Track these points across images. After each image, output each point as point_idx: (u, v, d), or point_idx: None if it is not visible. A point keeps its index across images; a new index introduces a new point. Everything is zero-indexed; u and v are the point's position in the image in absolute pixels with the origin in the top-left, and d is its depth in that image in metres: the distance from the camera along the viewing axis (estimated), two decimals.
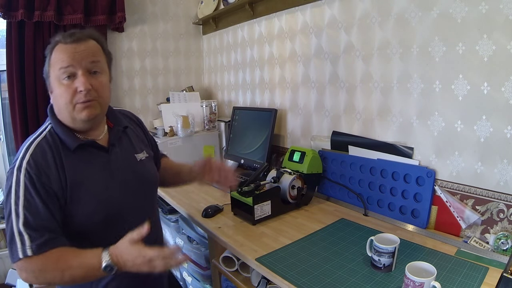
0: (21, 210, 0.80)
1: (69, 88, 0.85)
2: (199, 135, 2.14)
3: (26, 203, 0.80)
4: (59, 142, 0.88)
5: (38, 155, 0.84)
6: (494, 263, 0.99)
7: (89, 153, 0.92)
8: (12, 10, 1.86)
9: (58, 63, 0.85)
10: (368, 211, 1.41)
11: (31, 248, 0.78)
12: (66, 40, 0.86)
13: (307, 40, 1.74)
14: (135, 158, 1.02)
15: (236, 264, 1.28)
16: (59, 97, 0.87)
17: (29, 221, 0.79)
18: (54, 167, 0.85)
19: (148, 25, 2.46)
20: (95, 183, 0.90)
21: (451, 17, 1.14)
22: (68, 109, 0.87)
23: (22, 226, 0.79)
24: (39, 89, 2.02)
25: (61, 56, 0.85)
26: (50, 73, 0.88)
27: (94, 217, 0.88)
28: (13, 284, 2.07)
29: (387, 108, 1.39)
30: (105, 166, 0.93)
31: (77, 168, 0.88)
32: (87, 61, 0.87)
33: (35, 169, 0.82)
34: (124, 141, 1.02)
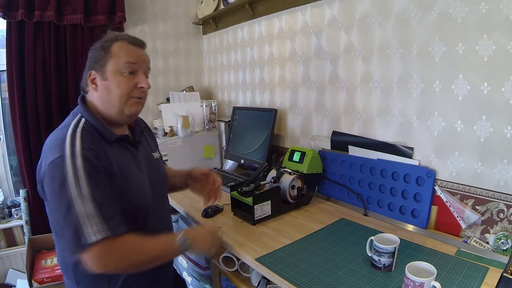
0: (87, 193, 0.78)
1: (130, 81, 0.93)
2: (199, 135, 2.14)
3: (91, 184, 0.80)
4: (97, 134, 0.91)
5: (88, 142, 0.85)
6: (494, 263, 0.99)
7: (124, 147, 0.98)
8: (12, 10, 1.86)
9: (125, 57, 0.92)
10: (368, 211, 1.41)
11: (109, 227, 0.78)
12: (132, 41, 0.96)
13: (307, 40, 1.74)
14: (153, 156, 1.11)
15: (236, 264, 1.28)
16: (116, 87, 0.92)
17: (99, 201, 0.79)
18: (104, 153, 0.87)
19: (148, 25, 2.46)
20: (131, 174, 0.94)
21: (451, 17, 1.14)
22: (122, 100, 0.93)
23: (94, 207, 0.78)
24: (39, 89, 2.02)
25: (129, 51, 0.93)
26: (109, 63, 0.92)
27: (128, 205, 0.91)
28: (13, 284, 2.07)
29: (387, 108, 1.39)
30: (135, 159, 1.00)
31: (117, 158, 0.92)
32: (146, 65, 0.98)
33: (92, 152, 0.83)
34: (143, 141, 1.10)
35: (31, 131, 2.03)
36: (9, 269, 2.12)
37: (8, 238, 2.16)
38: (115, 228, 0.79)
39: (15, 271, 2.11)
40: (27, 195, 2.02)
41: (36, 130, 2.04)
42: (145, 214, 0.98)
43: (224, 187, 1.70)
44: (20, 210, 2.14)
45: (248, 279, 1.25)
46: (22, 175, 2.08)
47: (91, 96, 0.96)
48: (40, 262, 1.87)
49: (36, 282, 1.71)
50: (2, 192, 2.28)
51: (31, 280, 1.72)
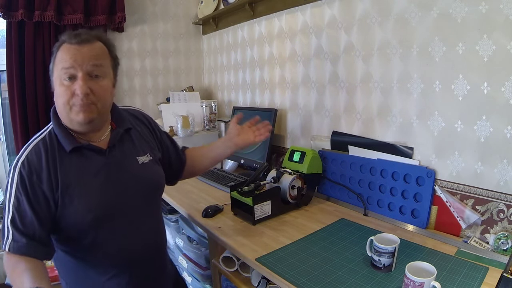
0: (11, 207, 0.82)
1: (68, 89, 0.84)
2: (199, 135, 2.14)
3: (15, 201, 0.82)
4: (56, 144, 0.88)
5: (33, 156, 0.85)
6: (494, 263, 0.99)
7: (84, 156, 0.91)
8: (12, 10, 1.86)
9: (61, 63, 0.85)
10: (368, 211, 1.41)
11: (10, 245, 0.81)
12: (71, 41, 0.85)
13: (307, 40, 1.74)
14: (137, 161, 0.99)
15: (236, 264, 1.28)
16: (58, 97, 0.87)
17: (15, 220, 0.82)
18: (46, 169, 0.85)
19: (148, 25, 2.46)
20: (86, 185, 0.88)
21: (451, 17, 1.14)
22: (66, 109, 0.87)
23: (9, 223, 0.82)
24: (39, 89, 2.02)
25: (64, 56, 0.85)
26: (54, 72, 0.88)
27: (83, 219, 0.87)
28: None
29: (387, 108, 1.39)
30: (100, 168, 0.91)
31: (71, 170, 0.87)
32: (88, 63, 0.86)
33: (27, 169, 0.84)
34: (126, 143, 0.99)
35: (31, 131, 2.02)
36: None
37: None
38: (15, 249, 0.80)
39: None
40: None
41: (36, 130, 1.99)
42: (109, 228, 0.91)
43: (224, 187, 1.71)
44: None
45: (248, 279, 1.25)
46: None
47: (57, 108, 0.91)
48: None
49: None
50: (2, 192, 2.28)
51: None
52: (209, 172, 1.98)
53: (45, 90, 2.04)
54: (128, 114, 1.06)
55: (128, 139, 1.01)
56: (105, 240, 0.90)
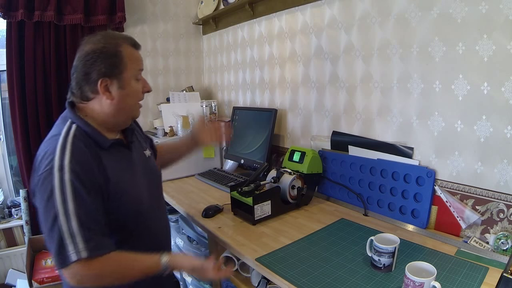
0: (71, 210, 0.77)
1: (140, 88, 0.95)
2: None
3: (76, 202, 0.78)
4: (91, 141, 0.88)
5: (78, 154, 0.82)
6: (494, 263, 0.99)
7: (118, 151, 0.95)
8: (12, 10, 1.86)
9: (138, 63, 0.94)
10: (368, 211, 1.41)
11: (87, 249, 0.76)
12: (134, 44, 0.95)
13: (307, 40, 1.74)
14: (145, 155, 1.09)
15: (236, 264, 1.28)
16: (133, 95, 0.93)
17: (82, 220, 0.77)
18: (95, 164, 0.84)
19: (148, 25, 2.46)
20: (128, 180, 0.94)
21: (451, 17, 1.14)
22: (136, 107, 0.96)
23: (76, 226, 0.76)
24: (39, 89, 2.02)
25: (138, 57, 0.95)
26: (127, 69, 0.90)
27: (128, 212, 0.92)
28: (13, 284, 2.07)
29: (387, 108, 1.39)
30: (130, 162, 0.98)
31: (113, 165, 0.90)
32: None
33: (79, 166, 0.80)
34: (135, 141, 1.06)
35: (31, 131, 2.03)
36: (9, 269, 2.12)
37: (8, 238, 2.16)
38: (94, 249, 0.78)
39: (15, 271, 2.12)
40: (27, 195, 2.02)
41: (36, 130, 2.04)
42: (144, 215, 0.97)
43: (224, 187, 1.71)
44: (20, 210, 2.15)
45: (248, 279, 1.25)
46: (22, 175, 2.08)
47: (98, 103, 0.90)
48: (40, 262, 1.87)
49: (36, 282, 1.71)
50: (2, 192, 2.28)
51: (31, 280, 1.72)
52: (209, 172, 1.98)
53: (45, 90, 2.05)
54: None
55: (135, 137, 1.08)
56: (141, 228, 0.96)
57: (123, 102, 0.91)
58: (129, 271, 0.84)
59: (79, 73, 0.88)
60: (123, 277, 0.84)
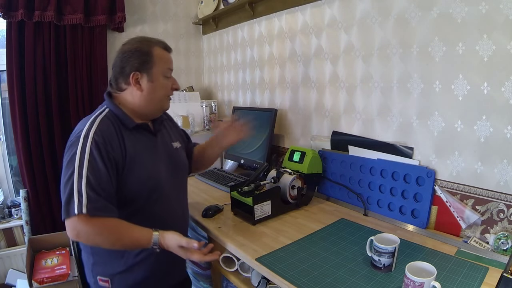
0: (84, 171, 0.89)
1: (169, 83, 1.08)
2: (199, 135, 2.14)
3: (90, 166, 0.90)
4: (119, 121, 1.02)
5: (104, 127, 0.96)
6: (494, 263, 0.99)
7: (142, 134, 1.07)
8: (12, 10, 1.86)
9: (167, 62, 1.07)
10: (368, 211, 1.41)
11: (88, 207, 0.87)
12: (166, 48, 1.08)
13: (307, 40, 1.74)
14: (172, 145, 1.19)
15: (236, 264, 1.28)
16: (161, 88, 1.06)
17: (91, 183, 0.89)
18: (116, 139, 0.97)
19: (148, 25, 2.46)
20: (146, 159, 1.04)
21: (451, 17, 1.14)
22: (164, 99, 1.09)
23: (85, 186, 0.88)
24: (39, 89, 2.02)
25: (168, 58, 1.08)
26: (155, 67, 1.03)
27: (141, 188, 1.01)
28: (13, 284, 2.07)
29: (387, 108, 1.39)
30: (152, 146, 1.09)
31: (134, 143, 1.02)
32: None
33: (101, 138, 0.94)
34: (164, 131, 1.19)
35: (31, 131, 2.02)
36: (9, 269, 2.12)
37: (8, 238, 2.16)
38: (95, 209, 0.88)
39: (15, 271, 2.11)
40: (27, 195, 2.02)
41: (36, 130, 2.04)
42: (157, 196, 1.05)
43: (224, 187, 1.71)
44: (20, 210, 2.14)
45: (248, 279, 1.25)
46: (22, 175, 2.07)
47: (129, 94, 1.04)
48: (40, 262, 1.87)
49: (36, 282, 1.71)
50: (2, 192, 2.28)
51: (31, 280, 1.72)
52: (209, 172, 1.98)
53: (45, 90, 2.04)
54: None
55: (164, 128, 1.20)
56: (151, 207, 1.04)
57: (152, 94, 1.04)
58: (122, 236, 0.92)
59: (116, 67, 1.04)
60: (115, 240, 0.92)
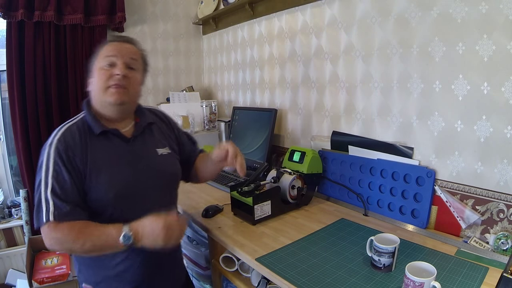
0: (50, 179, 0.89)
1: (108, 72, 0.98)
2: (199, 135, 2.14)
3: (54, 173, 0.90)
4: (87, 128, 0.99)
5: (67, 135, 0.96)
6: (494, 263, 0.99)
7: (111, 141, 1.01)
8: (12, 10, 1.86)
9: (104, 53, 1.00)
10: (368, 211, 1.41)
11: (54, 214, 0.87)
12: (115, 39, 1.04)
13: (307, 40, 1.74)
14: (156, 152, 1.10)
15: (236, 264, 1.28)
16: (98, 80, 0.98)
17: (55, 190, 0.89)
18: (79, 146, 0.95)
19: (148, 25, 2.46)
20: (111, 167, 0.98)
21: (451, 17, 1.14)
22: (101, 91, 0.98)
23: (50, 193, 0.88)
24: (39, 89, 2.02)
25: (108, 48, 1.00)
26: (95, 64, 1.00)
27: (105, 195, 0.95)
28: (13, 284, 2.07)
29: (387, 108, 1.39)
30: (123, 154, 1.02)
31: (98, 149, 0.98)
32: (128, 56, 1.01)
33: (63, 145, 0.93)
34: (147, 136, 1.11)
35: (31, 131, 2.02)
36: (9, 269, 2.12)
37: (8, 238, 2.16)
38: (61, 215, 0.88)
39: (15, 271, 2.11)
40: (27, 195, 2.02)
41: (36, 130, 2.04)
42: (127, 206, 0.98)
43: (224, 187, 1.71)
44: (20, 210, 2.14)
45: (248, 279, 1.25)
46: (22, 175, 2.07)
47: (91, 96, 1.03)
48: (40, 262, 1.87)
49: (36, 282, 1.71)
50: (2, 192, 2.28)
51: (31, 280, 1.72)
52: None
53: (45, 90, 2.04)
54: (150, 112, 1.18)
55: (149, 132, 1.12)
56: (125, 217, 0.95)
57: (93, 91, 1.01)
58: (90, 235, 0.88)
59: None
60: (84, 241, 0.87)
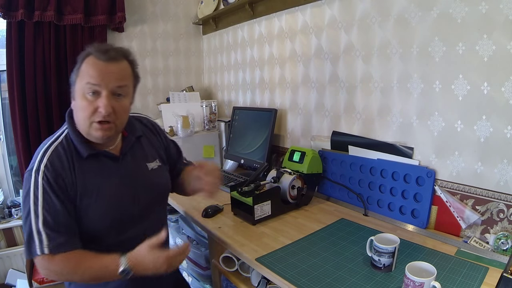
0: (40, 210, 0.83)
1: (91, 105, 0.86)
2: (199, 135, 2.14)
3: (45, 203, 0.84)
4: (73, 148, 0.92)
5: (54, 159, 0.87)
6: (494, 263, 0.99)
7: (100, 162, 0.95)
8: (12, 10, 1.86)
9: (87, 77, 0.86)
10: (368, 211, 1.41)
11: (48, 247, 0.83)
12: (100, 56, 0.87)
13: (307, 40, 1.74)
14: (147, 167, 1.04)
15: (236, 264, 1.28)
16: (80, 110, 0.88)
17: (48, 221, 0.83)
18: (68, 170, 0.88)
19: (148, 25, 2.46)
20: (103, 190, 0.92)
21: (451, 17, 1.14)
22: (86, 124, 0.89)
23: (42, 225, 0.83)
24: (39, 89, 2.02)
25: (91, 71, 0.86)
26: (77, 82, 0.89)
27: (100, 222, 0.91)
28: (13, 284, 2.07)
29: (387, 108, 1.39)
30: (115, 174, 0.96)
31: (88, 174, 0.91)
32: (114, 84, 0.88)
33: (52, 171, 0.86)
34: (136, 150, 1.04)
35: (31, 131, 2.02)
36: (9, 269, 2.12)
37: (8, 238, 2.16)
38: (56, 247, 0.83)
39: (15, 271, 2.11)
40: None
41: (36, 130, 2.04)
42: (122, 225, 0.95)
43: (224, 187, 1.71)
44: (20, 210, 2.14)
45: (248, 279, 1.25)
46: (22, 175, 2.07)
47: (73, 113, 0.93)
48: None
49: (36, 282, 1.71)
50: (2, 192, 2.28)
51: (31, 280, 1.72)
52: None
53: (45, 90, 2.04)
54: (137, 122, 1.10)
55: (138, 146, 1.05)
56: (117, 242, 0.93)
57: (75, 114, 0.91)
58: (88, 268, 0.84)
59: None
60: (83, 272, 0.84)
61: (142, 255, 0.84)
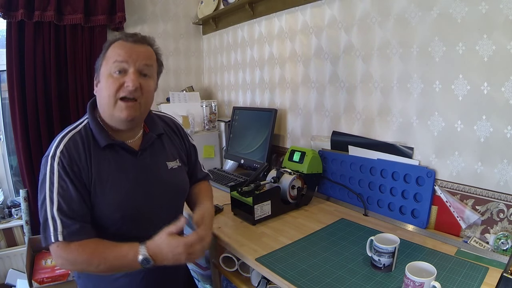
0: (55, 196, 0.83)
1: (117, 81, 0.87)
2: (199, 135, 2.14)
3: (60, 189, 0.84)
4: (91, 138, 0.91)
5: (71, 146, 0.88)
6: (494, 263, 0.99)
7: (117, 154, 0.94)
8: (12, 10, 1.86)
9: (114, 56, 0.89)
10: (368, 211, 1.41)
11: (63, 234, 0.82)
12: (128, 39, 0.91)
13: (307, 40, 1.74)
14: (166, 165, 1.03)
15: (236, 264, 1.28)
16: (105, 89, 0.88)
17: (62, 207, 0.83)
18: (84, 158, 0.88)
19: (148, 25, 2.46)
20: (116, 183, 0.91)
21: (451, 17, 1.14)
22: (110, 102, 0.88)
23: (56, 211, 0.82)
24: (39, 89, 2.02)
25: (118, 51, 0.89)
26: (102, 66, 0.91)
27: (111, 214, 0.90)
28: (13, 284, 2.07)
29: (387, 108, 1.39)
30: (130, 168, 0.95)
31: (104, 164, 0.91)
32: (141, 62, 0.90)
33: (68, 158, 0.86)
34: (157, 148, 1.03)
35: (31, 131, 2.02)
36: (9, 269, 2.12)
37: (8, 238, 2.16)
38: (70, 235, 0.82)
39: (15, 271, 2.11)
40: (27, 195, 2.02)
41: (36, 130, 2.04)
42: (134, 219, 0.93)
43: (224, 187, 1.71)
44: (20, 210, 2.14)
45: (248, 279, 1.25)
46: (22, 175, 2.07)
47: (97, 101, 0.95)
48: (40, 262, 1.87)
49: (36, 282, 1.71)
50: (2, 192, 2.28)
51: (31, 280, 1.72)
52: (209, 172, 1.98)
53: (45, 90, 2.04)
54: (160, 120, 1.09)
55: (159, 144, 1.04)
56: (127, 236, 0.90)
57: (100, 97, 0.92)
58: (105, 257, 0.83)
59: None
60: (99, 262, 0.82)
61: (161, 243, 0.83)
